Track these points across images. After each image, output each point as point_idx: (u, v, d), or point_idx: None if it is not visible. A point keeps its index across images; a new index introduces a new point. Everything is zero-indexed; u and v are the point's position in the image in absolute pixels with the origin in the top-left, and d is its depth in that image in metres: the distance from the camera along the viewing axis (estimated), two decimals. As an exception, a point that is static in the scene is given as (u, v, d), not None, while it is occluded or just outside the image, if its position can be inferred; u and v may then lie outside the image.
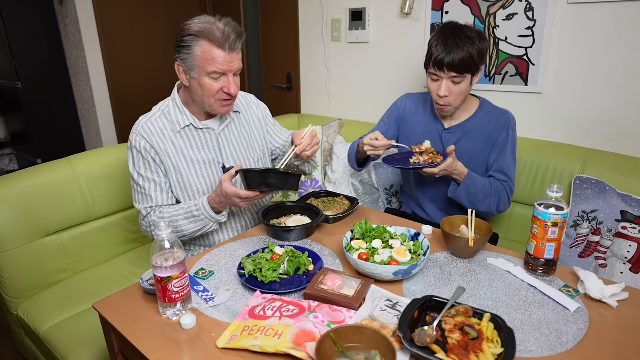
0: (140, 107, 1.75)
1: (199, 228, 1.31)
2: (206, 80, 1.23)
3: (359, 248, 1.13)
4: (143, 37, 3.30)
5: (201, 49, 1.20)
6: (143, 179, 1.33)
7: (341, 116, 2.61)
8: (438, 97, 1.45)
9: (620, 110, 1.69)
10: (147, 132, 1.31)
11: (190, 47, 1.21)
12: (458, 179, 1.44)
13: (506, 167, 1.50)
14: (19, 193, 1.55)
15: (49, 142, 3.54)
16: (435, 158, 1.40)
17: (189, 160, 1.35)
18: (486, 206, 1.47)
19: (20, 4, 3.24)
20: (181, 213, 1.30)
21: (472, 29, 1.41)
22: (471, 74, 1.41)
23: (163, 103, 1.39)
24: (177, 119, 1.34)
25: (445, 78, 1.41)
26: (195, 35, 1.19)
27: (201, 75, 1.23)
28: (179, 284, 0.92)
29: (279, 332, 0.83)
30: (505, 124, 1.51)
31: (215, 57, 1.20)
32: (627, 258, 1.47)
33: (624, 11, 1.59)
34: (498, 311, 0.94)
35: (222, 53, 1.20)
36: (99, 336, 1.29)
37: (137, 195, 1.36)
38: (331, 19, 2.51)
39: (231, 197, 1.20)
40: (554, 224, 1.02)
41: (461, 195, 1.46)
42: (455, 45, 1.36)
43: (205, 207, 1.27)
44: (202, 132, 1.38)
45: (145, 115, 1.36)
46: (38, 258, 1.60)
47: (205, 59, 1.20)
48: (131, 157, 1.34)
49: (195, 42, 1.20)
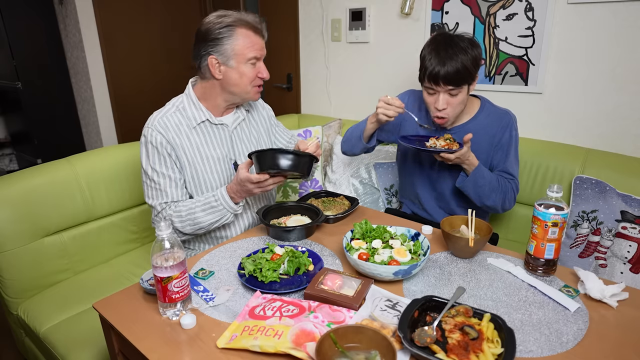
0: (140, 107, 1.76)
1: (216, 219, 1.32)
2: (244, 67, 1.31)
3: (359, 248, 1.13)
4: (143, 37, 3.30)
5: (242, 37, 1.28)
6: (158, 174, 1.33)
7: (341, 116, 2.61)
8: (436, 110, 1.44)
9: (620, 110, 1.69)
10: (164, 127, 1.32)
11: (228, 37, 1.27)
12: (467, 170, 1.44)
13: (511, 168, 1.50)
14: (19, 193, 1.55)
15: (49, 142, 3.54)
16: (452, 145, 1.39)
17: (203, 156, 1.37)
18: (492, 201, 1.46)
19: (20, 4, 3.24)
20: (198, 205, 1.31)
21: (463, 37, 1.39)
22: (467, 84, 1.40)
23: (177, 99, 1.40)
24: (193, 115, 1.36)
25: (441, 91, 1.40)
26: (232, 25, 1.27)
27: (240, 63, 1.30)
28: (179, 284, 0.92)
29: (279, 332, 0.83)
30: (508, 125, 1.50)
31: (255, 42, 1.30)
32: (627, 258, 1.47)
33: (624, 11, 1.60)
34: (498, 311, 0.94)
35: (259, 39, 1.32)
36: (99, 336, 1.29)
37: (151, 191, 1.35)
38: (331, 19, 2.51)
39: (245, 183, 1.23)
40: (554, 224, 1.02)
41: (468, 186, 1.45)
42: (449, 57, 1.34)
43: (224, 196, 1.29)
44: (217, 128, 1.40)
45: (159, 111, 1.37)
46: (38, 258, 1.59)
47: (246, 45, 1.29)
48: (145, 152, 1.34)
49: (234, 32, 1.27)
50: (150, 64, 3.37)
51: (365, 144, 1.60)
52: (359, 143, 1.62)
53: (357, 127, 1.65)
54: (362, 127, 1.59)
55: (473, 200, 1.49)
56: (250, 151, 1.45)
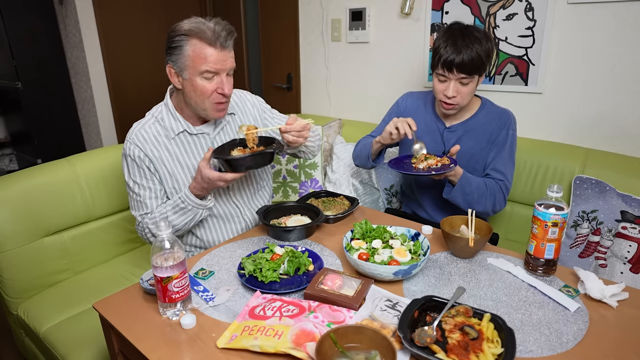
0: (140, 107, 1.75)
1: (190, 218, 1.31)
2: (199, 80, 1.21)
3: (359, 248, 1.13)
4: (143, 37, 3.30)
5: (192, 48, 1.18)
6: (138, 186, 1.33)
7: (341, 116, 2.61)
8: (445, 97, 1.44)
9: (620, 110, 1.69)
10: (141, 140, 1.31)
11: (181, 47, 1.19)
12: (453, 180, 1.44)
13: (502, 166, 1.50)
14: (19, 193, 1.55)
15: (49, 142, 3.53)
16: (442, 161, 1.38)
17: (184, 165, 1.35)
18: (482, 206, 1.47)
19: (20, 4, 3.24)
20: (169, 209, 1.30)
21: (479, 29, 1.41)
22: (478, 75, 1.41)
23: (156, 108, 1.37)
24: (171, 125, 1.33)
25: (453, 79, 1.40)
26: (185, 34, 1.18)
27: (193, 76, 1.21)
28: (179, 284, 0.92)
29: (279, 332, 0.83)
30: (506, 124, 1.50)
31: (207, 55, 1.18)
32: (627, 258, 1.47)
33: (624, 11, 1.59)
34: (498, 311, 0.94)
35: (213, 51, 1.18)
36: (99, 336, 1.29)
37: (133, 202, 1.36)
38: (331, 19, 2.51)
39: (214, 181, 1.21)
40: (554, 224, 1.02)
41: (457, 195, 1.46)
42: (464, 46, 1.35)
43: (189, 196, 1.26)
44: (196, 137, 1.36)
45: (138, 122, 1.35)
46: (38, 258, 1.59)
47: (197, 57, 1.18)
48: (126, 165, 1.33)
49: (186, 41, 1.18)
50: (150, 64, 3.36)
51: (373, 162, 1.64)
52: (368, 162, 1.66)
53: (364, 147, 1.66)
54: (369, 149, 1.61)
55: (462, 208, 1.48)
56: None
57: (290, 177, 2.19)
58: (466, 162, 1.53)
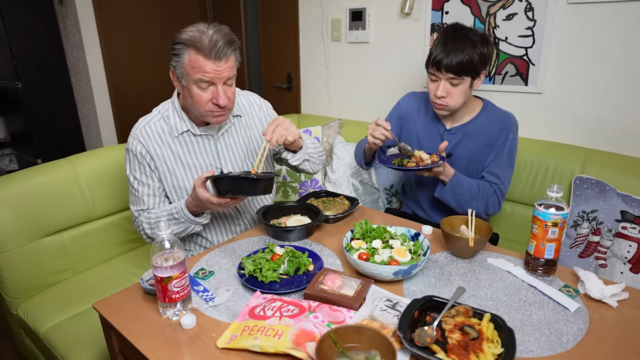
0: (140, 107, 1.75)
1: (181, 229, 1.30)
2: (194, 89, 1.21)
3: (359, 248, 1.13)
4: (143, 37, 3.30)
5: (188, 57, 1.19)
6: (138, 182, 1.33)
7: (341, 116, 2.61)
8: (435, 97, 1.45)
9: (621, 110, 1.69)
10: (145, 137, 1.31)
11: (179, 54, 1.20)
12: (444, 179, 1.45)
13: (499, 169, 1.49)
14: (19, 193, 1.55)
15: (49, 142, 3.54)
16: (432, 157, 1.41)
17: (185, 165, 1.35)
18: (473, 207, 1.45)
19: (20, 4, 3.24)
20: (164, 215, 1.29)
21: (477, 32, 1.40)
22: (470, 77, 1.41)
23: (163, 105, 1.38)
24: (176, 124, 1.34)
25: (443, 79, 1.41)
26: (183, 43, 1.19)
27: (189, 83, 1.22)
28: (179, 284, 0.92)
29: (279, 332, 0.83)
30: (506, 127, 1.50)
31: (201, 65, 1.18)
32: (627, 258, 1.47)
33: (624, 11, 1.59)
34: (498, 311, 0.94)
35: (207, 61, 1.17)
36: (99, 336, 1.29)
37: (132, 197, 1.37)
38: (331, 19, 2.51)
39: (205, 203, 1.17)
40: (554, 224, 1.02)
41: (447, 195, 1.46)
42: (455, 48, 1.36)
43: (184, 210, 1.25)
44: (200, 138, 1.37)
45: (144, 118, 1.36)
46: (38, 258, 1.59)
47: (192, 67, 1.19)
48: (128, 159, 1.35)
49: (184, 50, 1.19)
50: (150, 64, 3.37)
51: (366, 166, 1.70)
52: (362, 165, 1.72)
53: (358, 151, 1.71)
54: (362, 153, 1.67)
55: (454, 208, 1.49)
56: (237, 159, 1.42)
57: (290, 177, 2.19)
58: (465, 166, 1.53)
